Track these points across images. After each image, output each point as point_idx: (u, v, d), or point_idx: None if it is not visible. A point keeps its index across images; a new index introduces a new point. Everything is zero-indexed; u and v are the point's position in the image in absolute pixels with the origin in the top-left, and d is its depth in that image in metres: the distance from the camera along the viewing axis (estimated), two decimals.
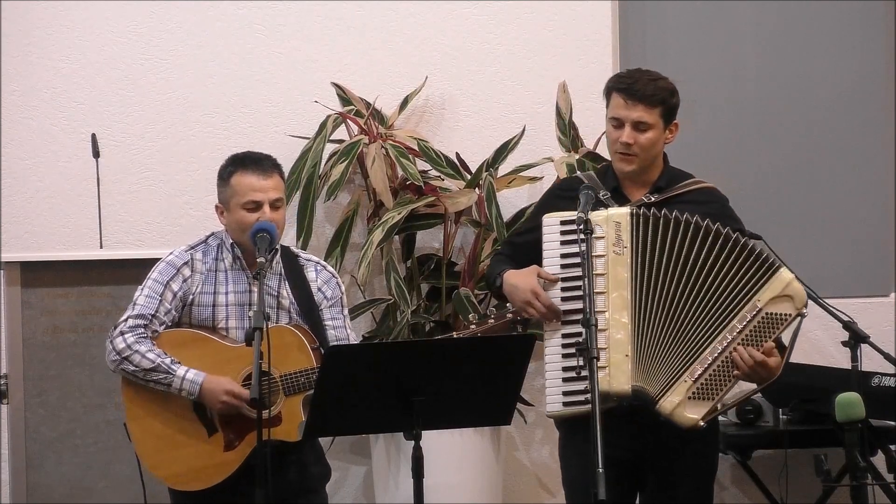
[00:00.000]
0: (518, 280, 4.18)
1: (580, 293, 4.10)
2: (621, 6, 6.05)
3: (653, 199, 4.23)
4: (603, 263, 4.08)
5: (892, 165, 6.18)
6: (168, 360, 4.30)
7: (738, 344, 4.06)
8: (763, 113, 6.19)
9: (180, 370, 4.29)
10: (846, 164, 6.21)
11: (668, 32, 6.15)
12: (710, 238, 4.11)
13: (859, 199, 6.21)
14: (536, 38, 5.93)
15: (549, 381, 4.16)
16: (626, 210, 4.13)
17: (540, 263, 4.19)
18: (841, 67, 6.20)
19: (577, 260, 4.08)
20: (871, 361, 5.14)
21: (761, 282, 4.09)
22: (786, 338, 4.17)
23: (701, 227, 4.11)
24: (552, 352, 4.15)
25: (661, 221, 4.12)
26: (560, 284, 4.15)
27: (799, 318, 4.11)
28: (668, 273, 4.10)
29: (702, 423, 4.07)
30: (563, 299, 4.15)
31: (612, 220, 4.10)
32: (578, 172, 4.54)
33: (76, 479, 5.36)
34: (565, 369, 4.13)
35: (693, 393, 4.07)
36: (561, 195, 4.36)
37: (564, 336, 4.15)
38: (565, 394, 4.13)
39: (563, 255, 4.16)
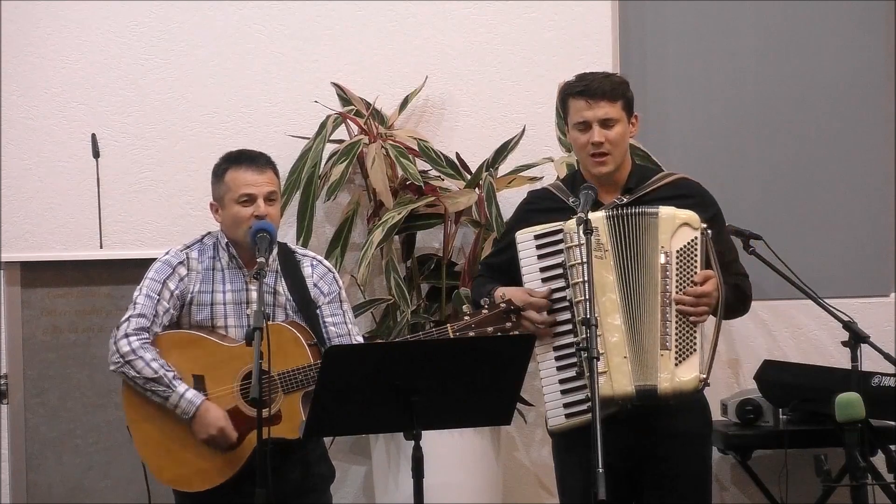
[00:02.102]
0: (511, 291, 4.22)
1: (566, 304, 4.13)
2: (621, 6, 6.05)
3: (625, 199, 4.24)
4: (584, 271, 4.07)
5: (892, 165, 6.18)
6: (171, 375, 4.30)
7: (675, 293, 4.10)
8: (763, 113, 6.19)
9: (181, 387, 4.29)
10: (846, 164, 6.20)
11: (668, 32, 6.15)
12: (637, 219, 4.16)
13: (859, 199, 6.20)
14: (536, 38, 5.93)
15: (548, 396, 4.17)
16: (601, 214, 4.15)
17: (519, 281, 4.21)
18: (841, 67, 6.20)
19: (559, 271, 4.16)
20: (871, 361, 5.15)
21: (653, 229, 4.14)
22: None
23: (646, 213, 4.16)
24: (547, 366, 4.17)
25: (632, 218, 4.15)
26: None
27: (703, 235, 4.14)
28: (639, 265, 4.14)
29: (703, 376, 4.10)
30: (550, 312, 4.18)
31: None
32: (547, 184, 4.53)
33: (76, 479, 5.37)
34: (562, 381, 4.15)
35: (676, 359, 4.09)
36: (531, 209, 4.38)
37: (556, 349, 4.17)
38: (566, 406, 4.14)
39: (543, 269, 4.20)
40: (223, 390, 4.34)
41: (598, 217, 4.12)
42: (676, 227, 4.15)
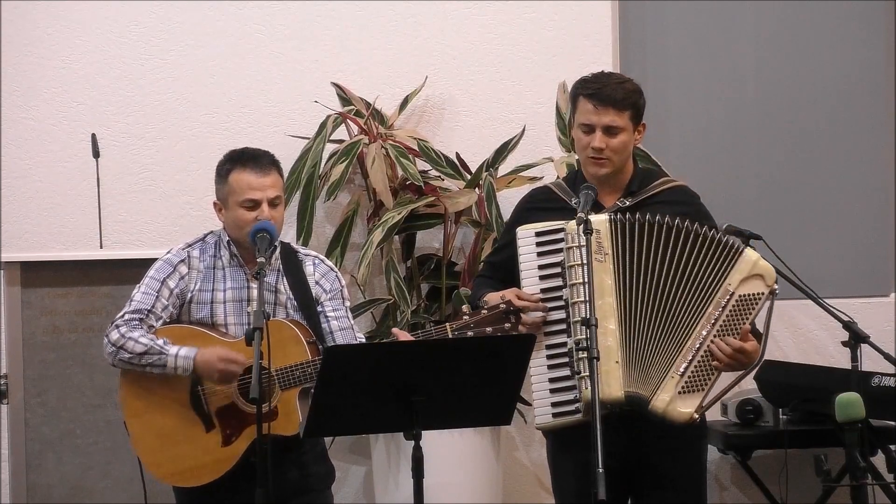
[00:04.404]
0: (500, 294, 4.21)
1: (562, 303, 4.12)
2: (621, 6, 6.05)
3: (627, 202, 4.22)
4: (583, 273, 4.06)
5: (892, 165, 6.18)
6: (160, 342, 4.30)
7: (717, 331, 4.08)
8: (763, 113, 6.19)
9: (172, 349, 4.30)
10: (846, 164, 6.21)
11: (668, 32, 6.15)
12: (681, 236, 4.11)
13: (859, 199, 6.21)
14: (536, 38, 5.93)
15: (537, 394, 4.16)
16: (604, 217, 4.12)
17: (518, 278, 4.21)
18: (841, 67, 6.20)
19: (557, 270, 4.14)
20: (871, 361, 5.15)
21: (729, 266, 4.11)
22: (762, 318, 4.16)
23: (672, 227, 4.11)
24: (538, 364, 4.15)
25: (638, 226, 4.12)
26: (540, 296, 4.16)
27: (772, 295, 4.12)
28: (648, 275, 4.11)
29: (696, 416, 4.08)
30: (545, 310, 4.16)
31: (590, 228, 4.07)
32: (548, 182, 4.52)
33: (76, 479, 5.37)
34: (552, 380, 4.14)
35: (682, 388, 4.07)
36: (532, 207, 4.36)
37: (549, 347, 4.16)
38: (554, 405, 4.13)
39: (541, 267, 4.18)
40: (220, 386, 4.34)
41: (599, 220, 4.09)
42: (752, 274, 4.10)
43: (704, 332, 4.09)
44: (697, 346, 4.09)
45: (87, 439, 5.37)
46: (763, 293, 4.11)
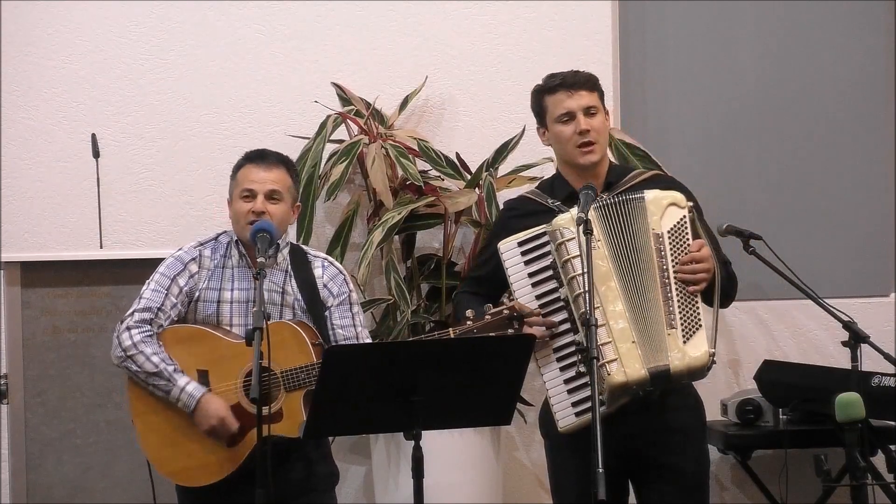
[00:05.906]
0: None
1: (561, 304, 4.14)
2: (621, 6, 6.05)
3: (604, 197, 4.24)
4: (580, 263, 4.08)
5: (892, 165, 6.18)
6: (171, 368, 4.31)
7: (672, 269, 4.12)
8: (763, 113, 6.19)
9: (181, 380, 4.30)
10: (846, 164, 6.21)
11: (668, 32, 6.15)
12: (622, 207, 4.17)
13: (859, 199, 6.20)
14: (536, 38, 5.93)
15: (555, 398, 4.18)
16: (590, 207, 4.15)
17: (504, 290, 4.24)
18: (841, 67, 6.20)
19: (548, 273, 4.18)
20: (871, 361, 5.15)
21: (643, 213, 4.17)
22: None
23: (619, 201, 4.17)
24: (550, 369, 4.18)
25: (612, 205, 4.16)
26: (536, 303, 4.18)
27: (691, 212, 4.19)
28: (623, 249, 4.16)
29: (712, 350, 4.09)
30: (545, 315, 4.18)
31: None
32: (527, 191, 4.55)
33: (76, 479, 5.37)
34: (567, 381, 4.15)
35: (684, 336, 4.09)
36: (513, 215, 4.40)
37: (556, 350, 4.18)
38: (574, 404, 4.14)
39: (531, 274, 4.21)
40: (226, 386, 4.34)
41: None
42: (664, 209, 4.18)
43: (666, 279, 4.12)
44: (668, 293, 4.11)
45: (87, 439, 5.37)
46: (684, 216, 4.19)
